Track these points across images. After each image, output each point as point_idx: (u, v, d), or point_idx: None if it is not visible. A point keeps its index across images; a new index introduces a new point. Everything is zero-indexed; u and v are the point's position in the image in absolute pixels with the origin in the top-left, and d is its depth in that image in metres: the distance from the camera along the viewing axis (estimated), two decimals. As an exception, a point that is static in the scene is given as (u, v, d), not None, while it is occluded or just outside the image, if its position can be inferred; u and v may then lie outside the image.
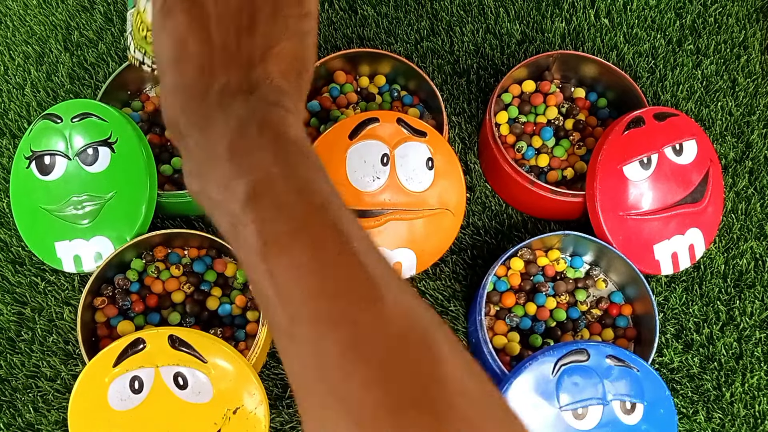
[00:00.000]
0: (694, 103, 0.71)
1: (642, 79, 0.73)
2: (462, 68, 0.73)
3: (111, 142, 0.60)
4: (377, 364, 0.24)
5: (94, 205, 0.60)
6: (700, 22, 0.75)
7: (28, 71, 0.72)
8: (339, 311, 0.25)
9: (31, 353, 0.62)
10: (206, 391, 0.53)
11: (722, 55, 0.74)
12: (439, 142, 0.60)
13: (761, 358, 0.63)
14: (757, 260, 0.66)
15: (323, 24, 0.74)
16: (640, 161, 0.61)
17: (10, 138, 0.69)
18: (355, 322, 0.25)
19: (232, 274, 0.63)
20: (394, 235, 0.60)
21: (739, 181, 0.69)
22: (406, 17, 0.74)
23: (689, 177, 0.62)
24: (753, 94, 0.72)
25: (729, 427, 0.61)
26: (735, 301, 0.65)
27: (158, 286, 0.62)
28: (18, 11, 0.75)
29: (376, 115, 0.60)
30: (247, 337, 0.60)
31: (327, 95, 0.68)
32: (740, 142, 0.70)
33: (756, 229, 0.67)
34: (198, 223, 0.67)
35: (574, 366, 0.53)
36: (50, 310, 0.63)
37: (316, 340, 0.25)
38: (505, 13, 0.75)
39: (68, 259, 0.61)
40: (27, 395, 0.61)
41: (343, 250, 0.26)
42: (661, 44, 0.74)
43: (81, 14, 0.74)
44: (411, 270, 0.60)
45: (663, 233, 0.61)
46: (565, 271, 0.64)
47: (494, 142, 0.63)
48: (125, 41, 0.39)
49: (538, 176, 0.66)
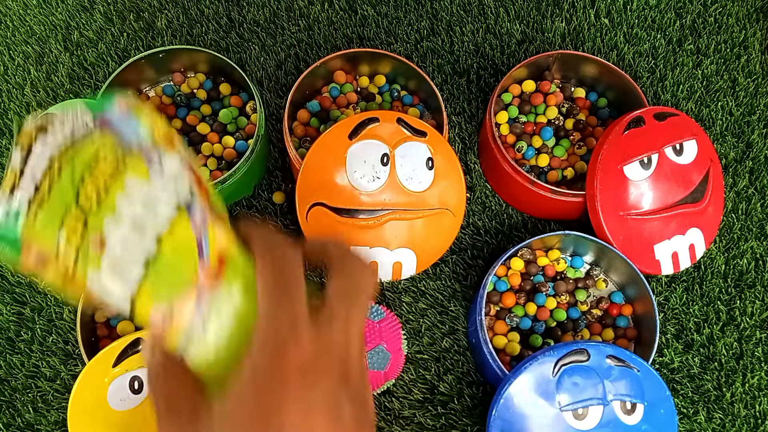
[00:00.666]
0: (695, 103, 0.71)
1: (642, 79, 0.73)
2: (462, 68, 0.73)
3: (111, 142, 0.60)
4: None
5: (94, 205, 0.60)
6: (700, 22, 0.75)
7: (27, 71, 0.72)
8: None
9: (30, 353, 0.62)
10: (206, 391, 0.52)
11: (722, 55, 0.74)
12: (439, 142, 0.60)
13: (762, 358, 0.63)
14: (758, 260, 0.66)
15: (323, 24, 0.74)
16: (641, 161, 0.61)
17: (10, 138, 0.69)
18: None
19: (231, 274, 0.63)
20: (394, 235, 0.60)
21: (740, 181, 0.69)
22: (406, 17, 0.74)
23: (690, 177, 0.62)
24: (753, 93, 0.72)
25: (729, 427, 0.61)
26: (735, 301, 0.65)
27: (158, 286, 0.61)
28: (18, 11, 0.75)
29: (376, 115, 0.60)
30: (247, 337, 0.60)
31: (327, 95, 0.68)
32: (740, 142, 0.70)
33: (756, 229, 0.67)
34: (198, 223, 0.66)
35: (575, 366, 0.53)
36: (50, 310, 0.63)
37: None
38: (505, 13, 0.75)
39: (68, 259, 0.60)
40: (26, 395, 0.61)
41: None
42: (661, 44, 0.74)
43: (81, 14, 0.74)
44: (411, 270, 0.60)
45: (663, 233, 0.61)
46: (565, 271, 0.64)
47: (494, 142, 0.63)
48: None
49: (538, 176, 0.66)
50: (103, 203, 0.25)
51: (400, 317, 0.62)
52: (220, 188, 0.63)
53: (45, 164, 0.25)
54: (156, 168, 0.27)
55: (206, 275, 0.27)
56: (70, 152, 0.26)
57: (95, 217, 0.25)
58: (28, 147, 0.25)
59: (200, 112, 0.68)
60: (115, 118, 0.27)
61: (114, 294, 0.26)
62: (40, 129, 0.26)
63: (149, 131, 0.27)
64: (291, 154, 0.62)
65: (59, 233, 0.25)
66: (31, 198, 0.25)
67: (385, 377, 0.55)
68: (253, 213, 0.67)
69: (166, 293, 0.26)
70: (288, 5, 0.75)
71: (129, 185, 0.26)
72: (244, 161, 0.63)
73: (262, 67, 0.72)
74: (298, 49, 0.73)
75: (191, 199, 0.28)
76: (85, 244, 0.25)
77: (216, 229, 0.28)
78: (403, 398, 0.61)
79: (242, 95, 0.68)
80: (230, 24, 0.74)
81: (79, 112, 0.26)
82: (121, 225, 0.25)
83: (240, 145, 0.66)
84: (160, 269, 0.26)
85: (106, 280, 0.25)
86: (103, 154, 0.26)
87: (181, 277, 0.26)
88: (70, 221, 0.25)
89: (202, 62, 0.68)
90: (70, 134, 0.26)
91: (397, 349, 0.55)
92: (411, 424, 0.60)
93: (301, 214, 0.60)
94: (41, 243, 0.25)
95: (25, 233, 0.25)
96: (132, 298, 0.26)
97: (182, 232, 0.27)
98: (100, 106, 0.27)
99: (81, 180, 0.25)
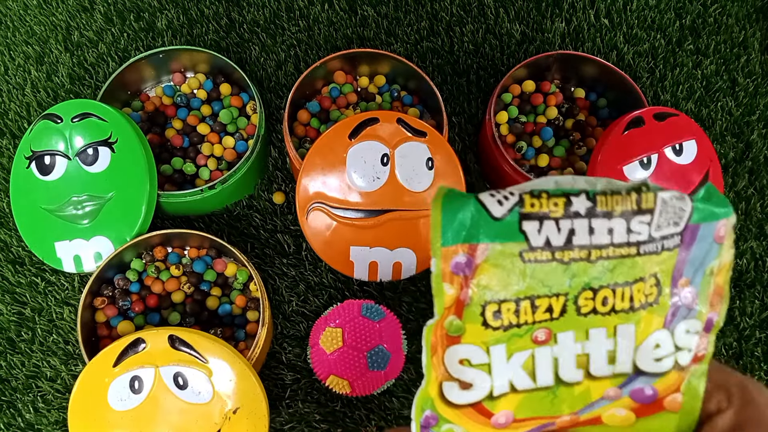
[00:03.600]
0: (694, 103, 0.71)
1: (642, 79, 0.73)
2: (462, 68, 0.73)
3: (111, 142, 0.60)
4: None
5: (94, 205, 0.60)
6: (700, 22, 0.75)
7: (28, 71, 0.72)
8: None
9: (31, 353, 0.62)
10: (206, 391, 0.53)
11: (722, 55, 0.74)
12: (439, 142, 0.60)
13: (761, 357, 0.63)
14: (757, 260, 0.66)
15: (323, 24, 0.74)
16: (640, 161, 0.61)
17: (10, 138, 0.69)
18: None
19: (231, 274, 0.63)
20: (394, 235, 0.60)
21: (739, 181, 0.69)
22: (406, 17, 0.74)
23: (689, 177, 0.62)
24: (753, 94, 0.72)
25: (729, 427, 0.61)
26: (735, 301, 0.65)
27: (158, 286, 0.61)
28: (18, 11, 0.75)
29: (376, 116, 0.60)
30: (247, 337, 0.60)
31: (327, 95, 0.68)
32: (740, 142, 0.70)
33: (756, 229, 0.67)
34: (198, 223, 0.67)
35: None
36: (50, 310, 0.63)
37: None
38: (505, 13, 0.75)
39: (68, 259, 0.61)
40: (27, 395, 0.61)
41: None
42: (661, 44, 0.74)
43: (81, 14, 0.74)
44: (411, 270, 0.60)
45: (663, 233, 0.61)
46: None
47: (494, 142, 0.63)
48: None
49: (538, 176, 0.66)
50: (594, 318, 0.24)
51: (400, 317, 0.62)
52: (220, 188, 0.63)
53: (606, 241, 0.23)
54: (676, 321, 0.25)
55: (567, 419, 0.26)
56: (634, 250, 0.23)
57: (574, 319, 0.24)
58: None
59: (200, 112, 0.68)
60: (704, 239, 0.24)
61: (482, 378, 0.25)
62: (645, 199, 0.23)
63: (713, 271, 0.25)
64: (291, 154, 0.62)
65: (520, 286, 0.24)
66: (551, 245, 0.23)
67: (385, 377, 0.55)
68: (253, 213, 0.67)
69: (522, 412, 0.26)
70: (288, 5, 0.75)
71: (623, 329, 0.25)
72: (244, 161, 0.63)
73: (262, 68, 0.72)
74: (298, 50, 0.73)
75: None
76: (533, 327, 0.24)
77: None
78: (403, 398, 0.61)
79: (242, 95, 0.68)
80: (230, 24, 0.74)
81: (687, 208, 0.24)
82: (583, 347, 0.25)
83: (240, 145, 0.66)
84: (545, 395, 0.25)
85: (502, 364, 0.25)
86: (652, 280, 0.24)
87: (546, 408, 0.26)
88: (549, 293, 0.24)
89: (202, 62, 0.68)
90: (657, 230, 0.24)
91: (397, 349, 0.55)
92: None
93: (301, 214, 0.60)
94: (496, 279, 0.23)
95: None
96: (485, 399, 0.25)
97: (601, 387, 0.26)
98: (708, 214, 0.24)
99: (599, 278, 0.24)
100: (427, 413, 0.25)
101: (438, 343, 0.24)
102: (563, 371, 0.25)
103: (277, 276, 0.65)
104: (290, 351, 0.63)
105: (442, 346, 0.24)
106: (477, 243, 0.23)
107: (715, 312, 0.25)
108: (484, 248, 0.23)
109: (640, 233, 0.23)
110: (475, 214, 0.23)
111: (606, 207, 0.23)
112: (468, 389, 0.25)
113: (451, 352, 0.24)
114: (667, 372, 0.25)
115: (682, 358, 0.25)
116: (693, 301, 0.25)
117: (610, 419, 0.26)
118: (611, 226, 0.23)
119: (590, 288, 0.24)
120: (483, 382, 0.25)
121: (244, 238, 0.66)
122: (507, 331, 0.24)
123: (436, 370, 0.25)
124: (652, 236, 0.23)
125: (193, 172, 0.66)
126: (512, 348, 0.24)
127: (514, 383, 0.25)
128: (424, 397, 0.25)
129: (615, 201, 0.23)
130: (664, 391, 0.26)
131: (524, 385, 0.25)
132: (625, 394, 0.26)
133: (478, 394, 0.25)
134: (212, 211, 0.67)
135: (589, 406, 0.26)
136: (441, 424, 0.25)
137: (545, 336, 0.24)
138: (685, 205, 0.23)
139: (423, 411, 0.25)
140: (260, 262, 0.65)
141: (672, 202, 0.23)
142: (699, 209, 0.24)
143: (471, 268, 0.23)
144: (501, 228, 0.23)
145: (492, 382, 0.25)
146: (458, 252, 0.23)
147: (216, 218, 0.67)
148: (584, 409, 0.26)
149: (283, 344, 0.63)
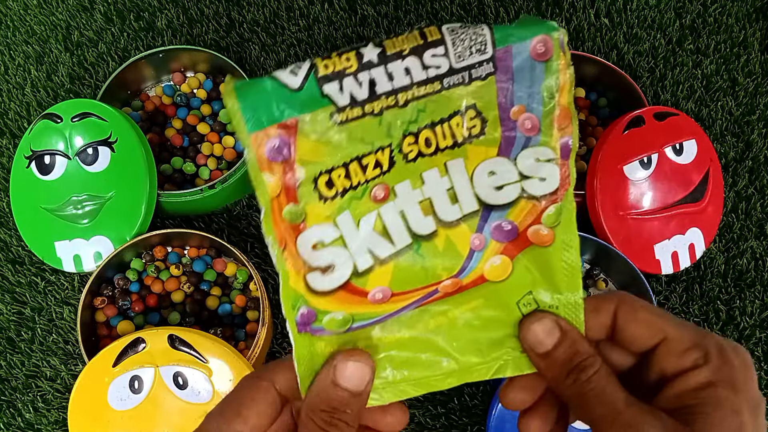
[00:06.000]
0: (694, 103, 0.71)
1: (642, 78, 0.73)
2: (462, 68, 0.73)
3: (111, 142, 0.60)
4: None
5: (94, 205, 0.60)
6: (700, 22, 0.75)
7: (28, 71, 0.72)
8: None
9: (31, 353, 0.62)
10: (206, 391, 0.53)
11: (722, 55, 0.74)
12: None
13: (761, 357, 0.63)
14: (757, 260, 0.66)
15: (323, 24, 0.74)
16: (640, 161, 0.61)
17: (10, 138, 0.69)
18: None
19: (231, 273, 0.63)
20: (394, 235, 0.60)
21: (739, 181, 0.69)
22: (406, 17, 0.74)
23: (689, 176, 0.62)
24: (753, 93, 0.72)
25: (729, 426, 0.61)
26: (735, 300, 0.65)
27: (158, 286, 0.61)
28: (18, 11, 0.75)
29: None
30: (247, 337, 0.60)
31: (327, 95, 0.68)
32: (740, 142, 0.70)
33: (756, 229, 0.67)
34: (198, 222, 0.67)
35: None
36: (50, 309, 0.63)
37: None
38: (505, 12, 0.75)
39: (68, 258, 0.61)
40: (27, 395, 0.61)
41: None
42: (661, 44, 0.74)
43: (81, 14, 0.74)
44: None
45: (663, 233, 0.61)
46: (565, 271, 0.64)
47: (494, 141, 0.63)
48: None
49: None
50: (423, 161, 0.24)
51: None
52: (220, 188, 0.63)
53: (407, 82, 0.23)
54: (514, 151, 0.25)
55: (449, 284, 0.25)
56: (436, 85, 0.23)
57: (405, 167, 0.24)
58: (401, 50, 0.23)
59: (200, 111, 0.68)
60: (519, 61, 0.24)
61: (340, 254, 0.24)
62: (431, 37, 0.23)
63: (552, 94, 0.24)
64: (291, 153, 0.62)
65: (351, 148, 0.23)
66: (354, 98, 0.22)
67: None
68: (253, 212, 0.67)
69: (398, 283, 0.25)
70: (288, 5, 0.75)
71: (453, 165, 0.24)
72: (244, 161, 0.63)
73: (262, 67, 0.72)
74: (298, 49, 0.73)
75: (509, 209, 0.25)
76: (368, 185, 0.24)
77: (522, 262, 0.26)
78: (403, 398, 0.61)
79: (242, 95, 0.68)
80: (230, 24, 0.74)
81: (484, 32, 0.23)
82: (422, 192, 0.24)
83: (240, 145, 0.66)
84: (412, 259, 0.25)
85: (353, 234, 0.24)
86: (471, 113, 0.24)
87: (421, 277, 0.25)
88: (373, 149, 0.23)
89: (202, 62, 0.68)
90: (458, 62, 0.23)
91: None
92: (411, 424, 0.60)
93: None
94: (314, 153, 0.23)
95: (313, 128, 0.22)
96: (353, 277, 0.25)
97: (462, 235, 0.25)
98: (510, 34, 0.24)
99: (415, 121, 0.23)
100: (302, 310, 0.25)
101: (285, 236, 0.24)
102: (413, 223, 0.24)
103: (277, 276, 0.65)
104: (290, 351, 0.62)
105: (291, 238, 0.24)
106: (285, 120, 0.22)
107: (567, 135, 0.24)
108: (293, 122, 0.22)
109: (439, 66, 0.23)
110: (273, 91, 0.22)
111: (395, 48, 0.22)
112: (331, 271, 0.24)
113: (301, 240, 0.24)
114: (516, 201, 0.25)
115: (533, 187, 0.25)
116: (534, 127, 0.24)
117: (491, 274, 0.26)
118: (407, 66, 0.22)
119: (410, 133, 0.23)
120: (342, 257, 0.24)
121: (244, 237, 0.66)
122: (345, 196, 0.23)
123: (295, 265, 0.24)
124: (453, 68, 0.23)
125: (193, 171, 0.66)
126: (356, 213, 0.24)
127: (374, 251, 0.24)
128: (292, 296, 0.25)
129: (401, 41, 0.22)
130: (522, 224, 0.25)
131: (385, 251, 0.24)
132: (489, 238, 0.25)
133: (343, 272, 0.24)
134: (212, 210, 0.67)
135: (466, 266, 0.25)
136: (321, 317, 0.25)
137: (384, 192, 0.24)
138: (481, 30, 0.23)
139: (296, 310, 0.25)
140: (260, 262, 0.65)
141: (463, 30, 0.23)
142: (499, 30, 0.23)
143: (289, 149, 0.22)
144: (303, 98, 0.22)
145: (352, 258, 0.24)
146: (270, 135, 0.22)
147: (216, 218, 0.67)
148: (462, 270, 0.25)
149: (283, 344, 0.63)
